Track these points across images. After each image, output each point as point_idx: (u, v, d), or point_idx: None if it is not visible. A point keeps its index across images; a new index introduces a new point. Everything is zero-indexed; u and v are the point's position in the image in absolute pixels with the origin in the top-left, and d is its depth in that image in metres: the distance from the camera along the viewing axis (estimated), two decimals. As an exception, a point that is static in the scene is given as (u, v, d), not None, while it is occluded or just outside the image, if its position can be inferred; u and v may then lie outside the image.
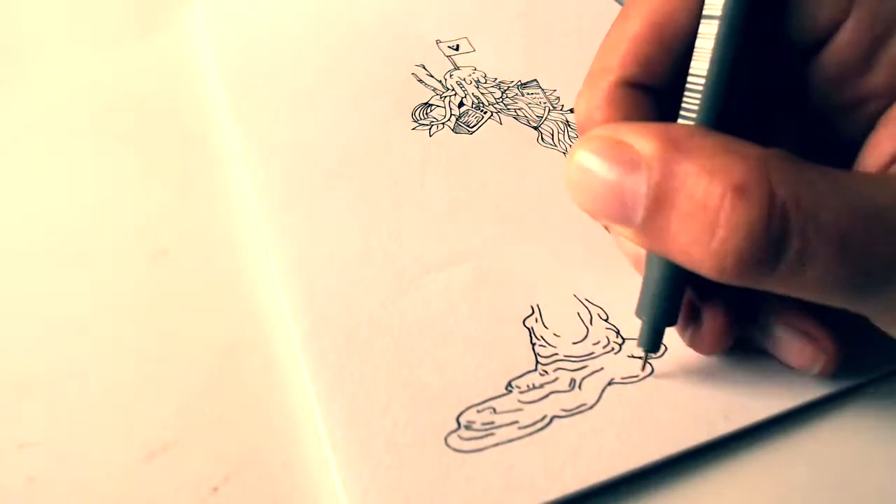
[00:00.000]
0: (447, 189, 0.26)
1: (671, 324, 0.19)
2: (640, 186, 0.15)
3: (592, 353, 0.21)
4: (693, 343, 0.20)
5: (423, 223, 0.25)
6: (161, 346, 0.22)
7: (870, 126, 0.18)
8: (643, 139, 0.15)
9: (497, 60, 0.32)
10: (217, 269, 0.25)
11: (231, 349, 0.22)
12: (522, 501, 0.18)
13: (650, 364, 0.21)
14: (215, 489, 0.19)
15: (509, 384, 0.21)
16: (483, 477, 0.19)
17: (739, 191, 0.14)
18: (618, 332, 0.22)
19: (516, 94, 0.31)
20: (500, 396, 0.20)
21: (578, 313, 0.22)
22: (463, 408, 0.20)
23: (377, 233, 0.25)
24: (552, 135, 0.29)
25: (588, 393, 0.20)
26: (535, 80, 0.31)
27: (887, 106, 0.18)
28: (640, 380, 0.21)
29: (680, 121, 0.18)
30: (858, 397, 0.21)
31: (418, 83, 0.31)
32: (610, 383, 0.21)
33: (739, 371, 0.21)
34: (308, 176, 0.27)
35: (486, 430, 0.19)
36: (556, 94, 0.31)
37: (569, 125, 0.29)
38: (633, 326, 0.22)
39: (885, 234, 0.14)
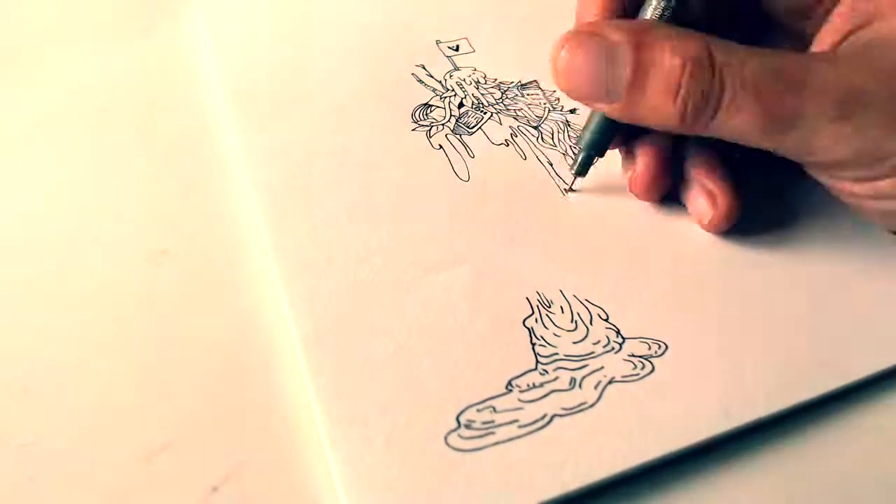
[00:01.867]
0: (447, 189, 0.26)
1: (600, 155, 0.25)
2: (619, 69, 0.21)
3: (593, 352, 0.21)
4: (631, 184, 0.25)
5: (423, 223, 0.25)
6: (161, 345, 0.22)
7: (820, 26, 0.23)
8: (619, 32, 0.21)
9: (497, 61, 0.32)
10: (217, 269, 0.25)
11: (231, 349, 0.22)
12: (523, 500, 0.18)
13: (650, 363, 0.21)
14: (215, 489, 0.19)
15: (509, 383, 0.21)
16: (483, 476, 0.19)
17: (694, 61, 0.20)
18: (618, 332, 0.22)
19: (516, 95, 0.31)
20: (500, 395, 0.20)
21: (578, 313, 0.22)
22: (463, 407, 0.20)
23: (377, 233, 0.25)
24: (552, 135, 0.29)
25: (588, 392, 0.20)
26: (535, 80, 0.31)
27: (834, 4, 0.22)
28: (639, 379, 0.21)
29: (647, 17, 0.23)
30: (858, 397, 0.21)
31: (418, 83, 0.31)
32: (610, 382, 0.21)
33: (739, 368, 0.21)
34: (308, 176, 0.27)
35: (486, 429, 0.20)
36: (555, 94, 0.31)
37: (569, 125, 0.29)
38: (632, 326, 0.22)
39: (791, 89, 0.20)
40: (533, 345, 0.22)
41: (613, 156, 0.27)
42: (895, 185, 0.21)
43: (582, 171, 0.25)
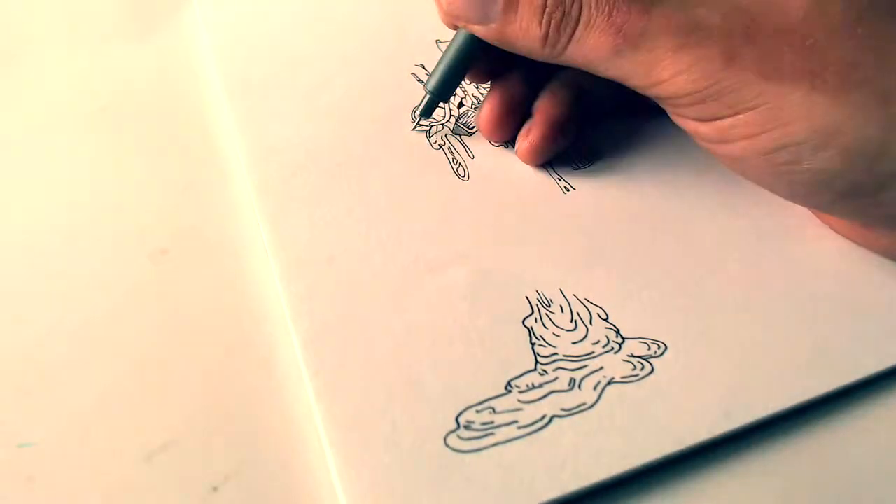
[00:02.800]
0: (447, 189, 0.26)
1: (445, 100, 0.27)
2: None
3: (592, 352, 0.21)
4: (478, 123, 0.28)
5: (423, 223, 0.25)
6: (161, 345, 0.22)
7: None
8: None
9: (497, 60, 0.32)
10: (217, 268, 0.25)
11: (231, 349, 0.22)
12: (522, 501, 0.18)
13: (650, 363, 0.21)
14: (215, 489, 0.19)
15: (509, 384, 0.21)
16: (482, 477, 0.19)
17: None
18: (617, 332, 0.22)
19: (516, 94, 0.31)
20: (499, 396, 0.20)
21: (578, 313, 0.22)
22: (462, 408, 0.20)
23: (377, 233, 0.25)
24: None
25: (588, 392, 0.20)
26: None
27: None
28: (639, 379, 0.21)
29: None
30: (859, 397, 0.21)
31: (418, 83, 0.31)
32: (610, 382, 0.21)
33: (740, 369, 0.21)
34: (308, 176, 0.27)
35: (485, 429, 0.20)
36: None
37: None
38: (632, 326, 0.22)
39: (639, 9, 0.20)
40: (532, 345, 0.22)
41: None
42: (735, 125, 0.20)
43: (426, 112, 0.27)
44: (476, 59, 0.26)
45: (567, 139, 0.27)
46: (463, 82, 0.28)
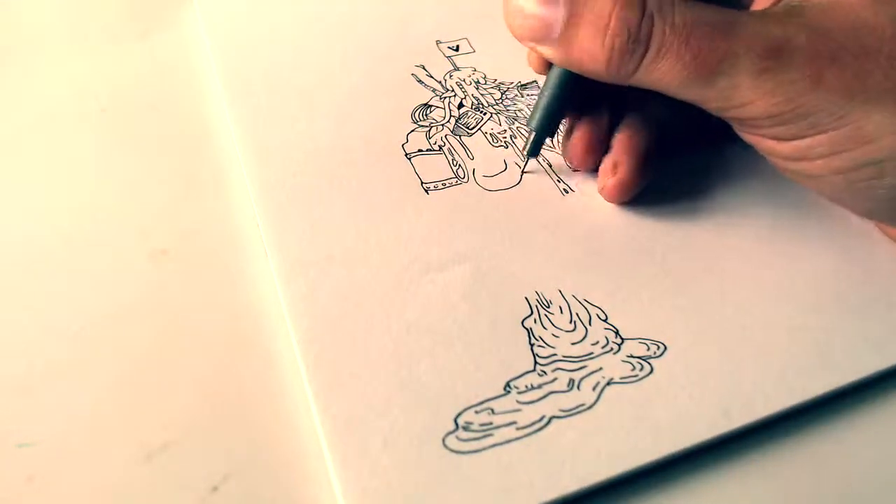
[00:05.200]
0: (447, 189, 0.26)
1: (551, 135, 0.26)
2: (557, 12, 0.21)
3: (591, 353, 0.21)
4: (565, 153, 0.27)
5: (423, 223, 0.25)
6: (161, 345, 0.23)
7: None
8: None
9: (497, 61, 0.32)
10: (217, 269, 0.25)
11: (231, 349, 0.22)
12: (521, 502, 0.18)
13: (649, 364, 0.21)
14: (215, 489, 0.19)
15: (508, 385, 0.21)
16: (481, 478, 0.19)
17: (624, 2, 0.21)
18: (616, 333, 0.22)
19: (516, 96, 0.31)
20: (498, 397, 0.20)
21: (577, 314, 0.22)
22: (461, 408, 0.20)
23: (376, 233, 0.25)
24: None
25: (587, 393, 0.20)
26: (535, 81, 0.31)
27: None
28: (638, 380, 0.21)
29: None
30: (859, 397, 0.21)
31: (418, 84, 0.31)
32: (609, 383, 0.21)
33: (739, 369, 0.21)
34: (307, 176, 0.27)
35: (484, 430, 0.20)
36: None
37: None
38: (631, 327, 0.22)
39: (720, 35, 0.20)
40: (531, 345, 0.22)
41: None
42: (815, 145, 0.21)
43: (534, 151, 0.26)
44: (574, 89, 0.24)
45: (651, 175, 0.25)
46: (463, 82, 0.28)
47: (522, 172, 0.27)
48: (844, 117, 0.20)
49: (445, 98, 0.30)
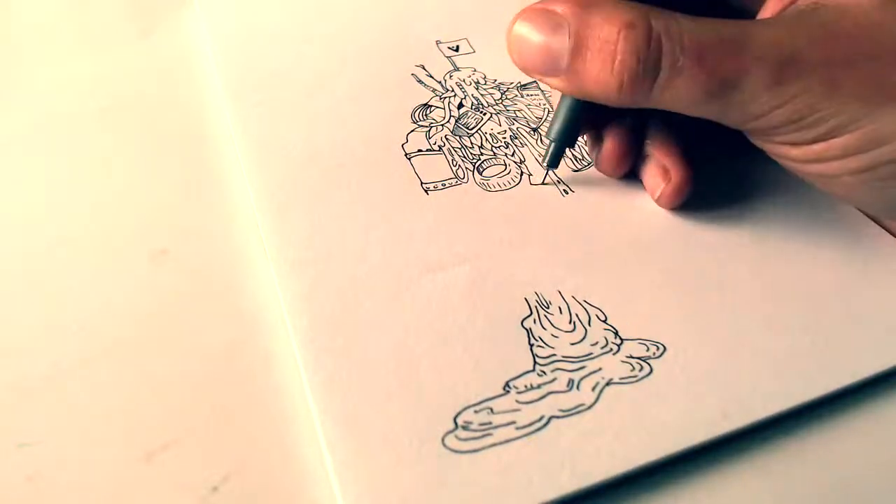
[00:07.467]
0: (446, 189, 0.26)
1: (571, 146, 0.25)
2: (563, 42, 0.21)
3: (591, 353, 0.21)
4: (598, 163, 0.26)
5: (423, 223, 0.25)
6: (161, 345, 0.23)
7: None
8: (564, 4, 0.21)
9: (497, 62, 0.32)
10: (217, 268, 0.25)
11: (230, 349, 0.22)
12: (520, 502, 0.18)
13: (649, 364, 0.21)
14: (215, 489, 0.19)
15: (507, 384, 0.21)
16: (480, 478, 0.19)
17: (629, 27, 0.20)
18: (616, 333, 0.22)
19: (516, 96, 0.31)
20: (497, 397, 0.20)
21: (577, 314, 0.22)
22: (460, 408, 0.20)
23: (376, 233, 0.25)
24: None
25: (586, 393, 0.20)
26: (535, 81, 0.31)
27: None
28: (638, 380, 0.21)
29: None
30: (859, 397, 0.21)
31: (418, 84, 0.31)
32: (608, 383, 0.21)
33: (738, 370, 0.21)
34: (307, 176, 0.27)
35: (483, 430, 0.20)
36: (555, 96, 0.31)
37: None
38: (631, 327, 0.22)
39: (732, 51, 0.20)
40: (531, 345, 0.22)
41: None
42: (831, 148, 0.21)
43: (554, 162, 0.26)
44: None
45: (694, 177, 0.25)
46: (463, 82, 0.28)
47: (542, 183, 0.27)
48: (861, 120, 0.20)
49: (445, 98, 0.30)
